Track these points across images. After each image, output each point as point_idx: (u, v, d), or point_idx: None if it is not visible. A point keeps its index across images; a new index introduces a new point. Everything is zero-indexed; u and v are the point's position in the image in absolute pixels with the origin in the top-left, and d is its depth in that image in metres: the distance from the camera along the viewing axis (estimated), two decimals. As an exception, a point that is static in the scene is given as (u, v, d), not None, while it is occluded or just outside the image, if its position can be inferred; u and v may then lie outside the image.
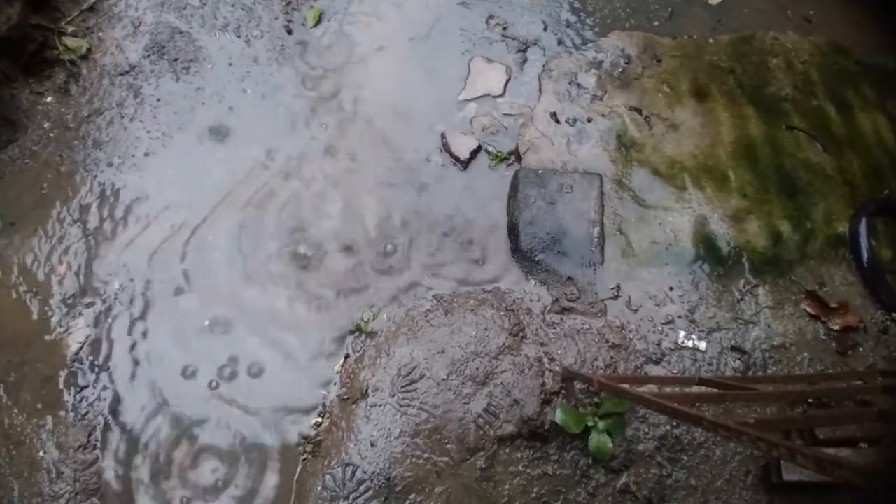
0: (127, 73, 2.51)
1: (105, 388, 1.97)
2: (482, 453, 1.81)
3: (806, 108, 2.55)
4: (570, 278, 2.12)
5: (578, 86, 2.48)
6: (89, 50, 2.56)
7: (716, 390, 1.56)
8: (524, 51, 2.58)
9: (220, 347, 2.04)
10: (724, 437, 1.13)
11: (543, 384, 1.91)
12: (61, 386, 1.97)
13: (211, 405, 1.96)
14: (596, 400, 1.90)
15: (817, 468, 0.91)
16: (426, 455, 1.80)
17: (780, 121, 2.51)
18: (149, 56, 2.53)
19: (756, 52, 2.69)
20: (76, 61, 2.52)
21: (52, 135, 2.40)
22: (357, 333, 2.07)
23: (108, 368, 2.00)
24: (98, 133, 2.40)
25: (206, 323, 2.08)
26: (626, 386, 1.60)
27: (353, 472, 1.78)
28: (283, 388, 1.99)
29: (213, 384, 2.00)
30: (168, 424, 1.93)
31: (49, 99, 2.49)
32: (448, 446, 1.81)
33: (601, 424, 1.84)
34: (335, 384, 1.99)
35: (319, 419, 1.93)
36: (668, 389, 1.98)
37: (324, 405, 1.96)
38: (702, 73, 2.58)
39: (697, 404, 1.70)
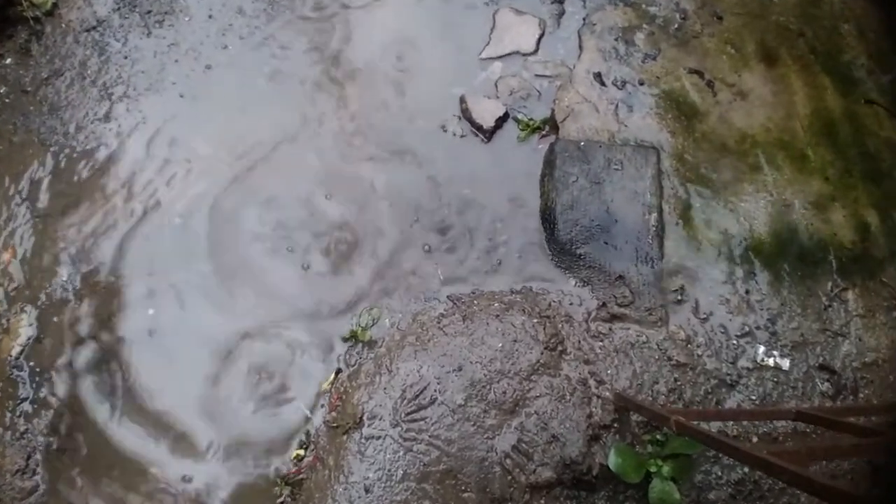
0: (93, 28, 2.08)
1: (47, 402, 1.61)
2: (510, 505, 1.37)
3: (882, 82, 2.11)
4: (620, 277, 1.68)
5: (627, 42, 1.95)
6: (55, 5, 2.20)
7: (852, 439, 1.03)
8: (561, 1, 2.13)
9: (183, 354, 1.63)
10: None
11: (590, 415, 1.44)
12: (-3, 397, 1.61)
13: (171, 423, 1.56)
14: (658, 436, 1.39)
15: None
16: (437, 505, 1.39)
17: (857, 93, 2.08)
18: (119, 9, 2.11)
19: (826, 16, 2.25)
20: (40, 18, 2.18)
21: (7, 100, 2.05)
22: (351, 342, 1.66)
23: (51, 378, 1.63)
24: (56, 97, 1.99)
25: (153, 315, 1.65)
26: (705, 426, 1.07)
27: (342, 526, 1.32)
28: (257, 409, 1.57)
29: (174, 399, 1.58)
30: (119, 447, 1.54)
31: (8, 61, 2.14)
32: (466, 495, 1.40)
33: (665, 469, 1.38)
34: (322, 406, 1.57)
35: (301, 451, 1.53)
36: (745, 423, 1.46)
37: (307, 433, 1.55)
38: (769, 34, 2.18)
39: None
